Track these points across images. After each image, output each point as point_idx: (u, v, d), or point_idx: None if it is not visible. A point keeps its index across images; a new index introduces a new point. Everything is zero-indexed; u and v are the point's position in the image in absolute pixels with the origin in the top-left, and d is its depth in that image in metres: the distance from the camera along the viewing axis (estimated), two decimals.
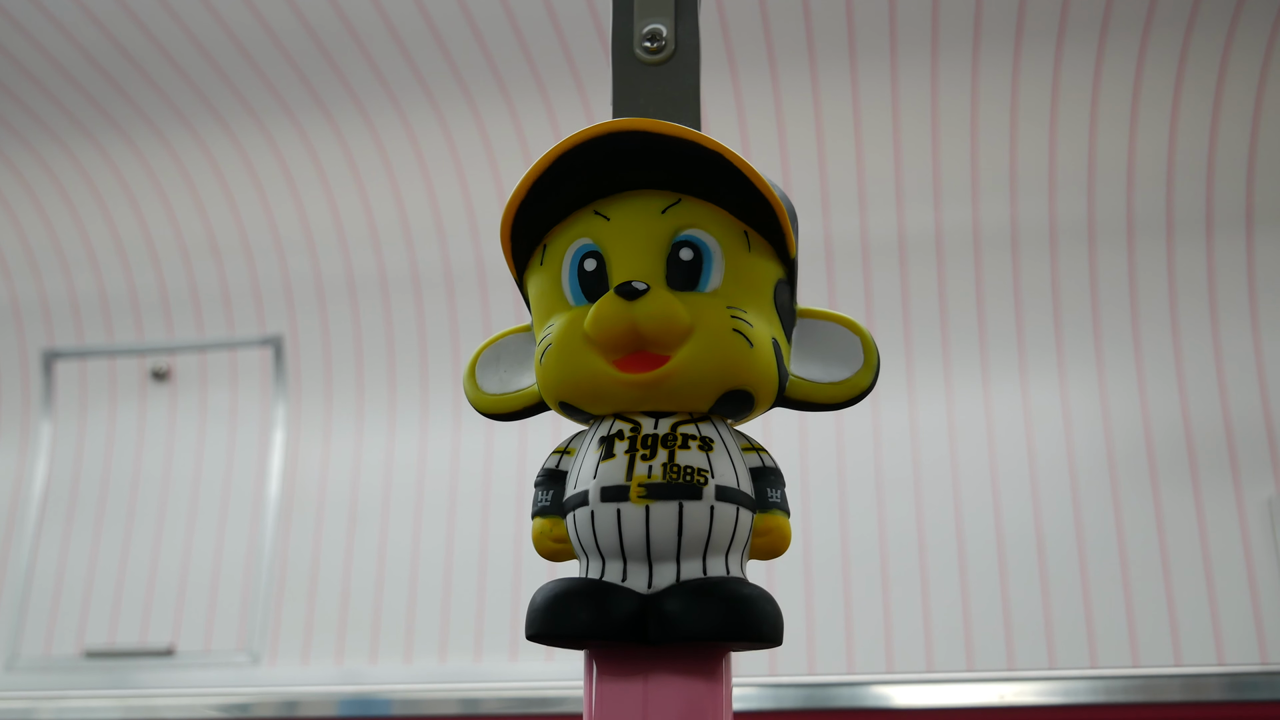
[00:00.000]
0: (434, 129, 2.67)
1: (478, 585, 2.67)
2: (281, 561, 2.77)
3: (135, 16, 2.47)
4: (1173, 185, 2.58)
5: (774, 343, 0.60)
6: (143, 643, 2.76)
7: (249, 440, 2.89)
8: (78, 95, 2.66)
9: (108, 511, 2.89)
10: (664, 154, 0.58)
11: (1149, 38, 2.43)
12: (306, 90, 2.63)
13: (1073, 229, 2.63)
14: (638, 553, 0.57)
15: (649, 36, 0.72)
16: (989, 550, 2.51)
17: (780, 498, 0.60)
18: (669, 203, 0.60)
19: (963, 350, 2.64)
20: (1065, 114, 2.55)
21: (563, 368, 0.59)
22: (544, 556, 0.61)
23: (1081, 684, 1.38)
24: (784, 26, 2.44)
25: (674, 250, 0.60)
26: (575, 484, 0.60)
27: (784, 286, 0.63)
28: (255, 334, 2.89)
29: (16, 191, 2.87)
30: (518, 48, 2.51)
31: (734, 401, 0.60)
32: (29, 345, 2.99)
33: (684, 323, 0.57)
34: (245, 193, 2.81)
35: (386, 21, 2.47)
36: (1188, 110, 2.52)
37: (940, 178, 2.63)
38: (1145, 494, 2.51)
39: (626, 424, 0.59)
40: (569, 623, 0.56)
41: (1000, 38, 2.45)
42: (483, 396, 0.66)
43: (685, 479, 0.57)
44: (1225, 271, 2.58)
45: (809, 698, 1.41)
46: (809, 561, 2.54)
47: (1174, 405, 2.55)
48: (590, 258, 0.61)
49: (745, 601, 0.55)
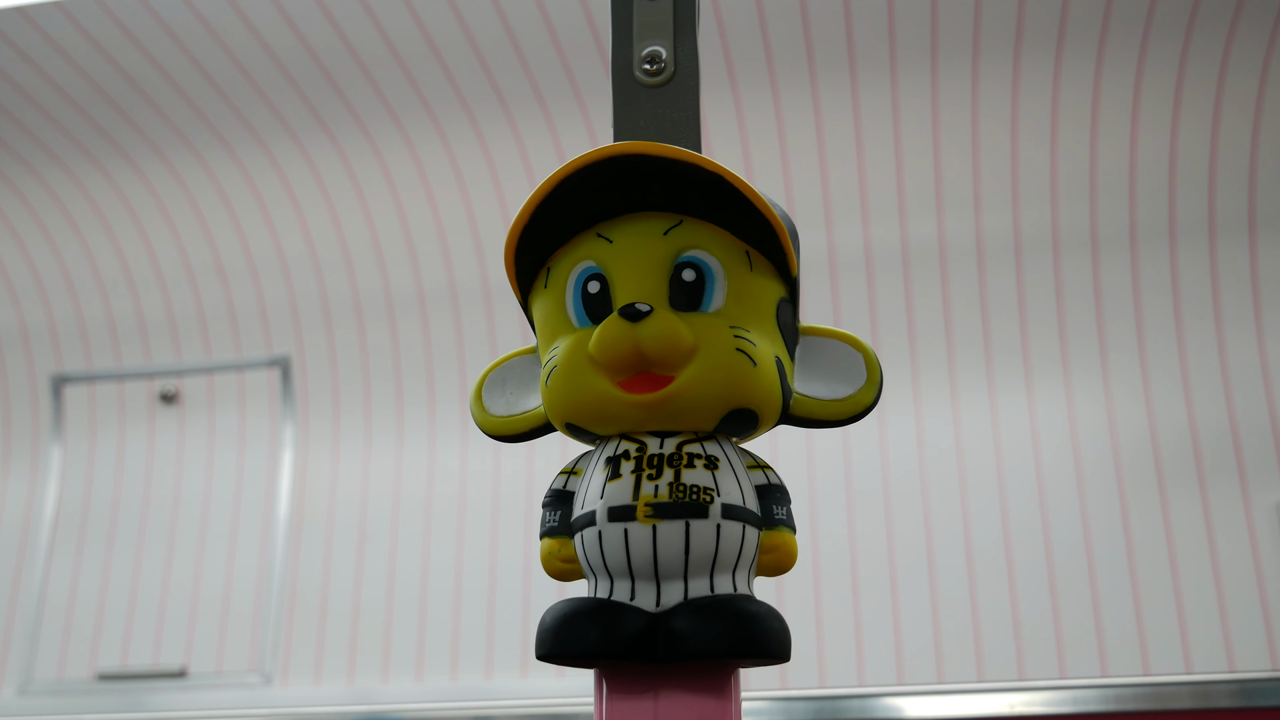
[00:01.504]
0: (437, 149, 2.68)
1: (488, 603, 2.67)
2: (292, 581, 2.77)
3: (139, 43, 2.48)
4: (1175, 192, 2.58)
5: (777, 361, 0.61)
6: (155, 664, 2.76)
7: (258, 461, 2.89)
8: (83, 121, 2.67)
9: (118, 534, 2.90)
10: (665, 176, 0.59)
11: (1148, 44, 2.43)
12: (310, 113, 2.64)
13: (1075, 238, 2.63)
14: (645, 572, 0.57)
15: (649, 59, 0.73)
16: (997, 560, 2.50)
17: (786, 514, 0.61)
18: (671, 224, 0.61)
19: (968, 360, 2.64)
20: (1066, 123, 2.56)
21: (568, 389, 0.60)
22: (552, 577, 0.62)
23: (1091, 693, 1.38)
24: (784, 43, 2.45)
25: (676, 271, 0.60)
26: (582, 504, 0.60)
27: (786, 305, 0.63)
28: (262, 355, 2.90)
29: (23, 217, 2.88)
30: (520, 69, 2.52)
31: (738, 420, 0.60)
32: (38, 370, 3.00)
33: (687, 343, 0.58)
34: (250, 215, 2.82)
35: (389, 44, 2.48)
36: (1188, 116, 2.52)
37: (942, 189, 2.64)
38: (1153, 501, 2.50)
39: (632, 444, 0.60)
40: (578, 642, 0.56)
41: (1000, 48, 2.46)
42: (490, 419, 0.67)
43: (691, 498, 0.57)
44: (1229, 277, 2.58)
45: (820, 710, 1.41)
46: (818, 574, 2.54)
47: (1180, 411, 2.55)
48: (594, 280, 0.61)
49: (752, 619, 0.56)
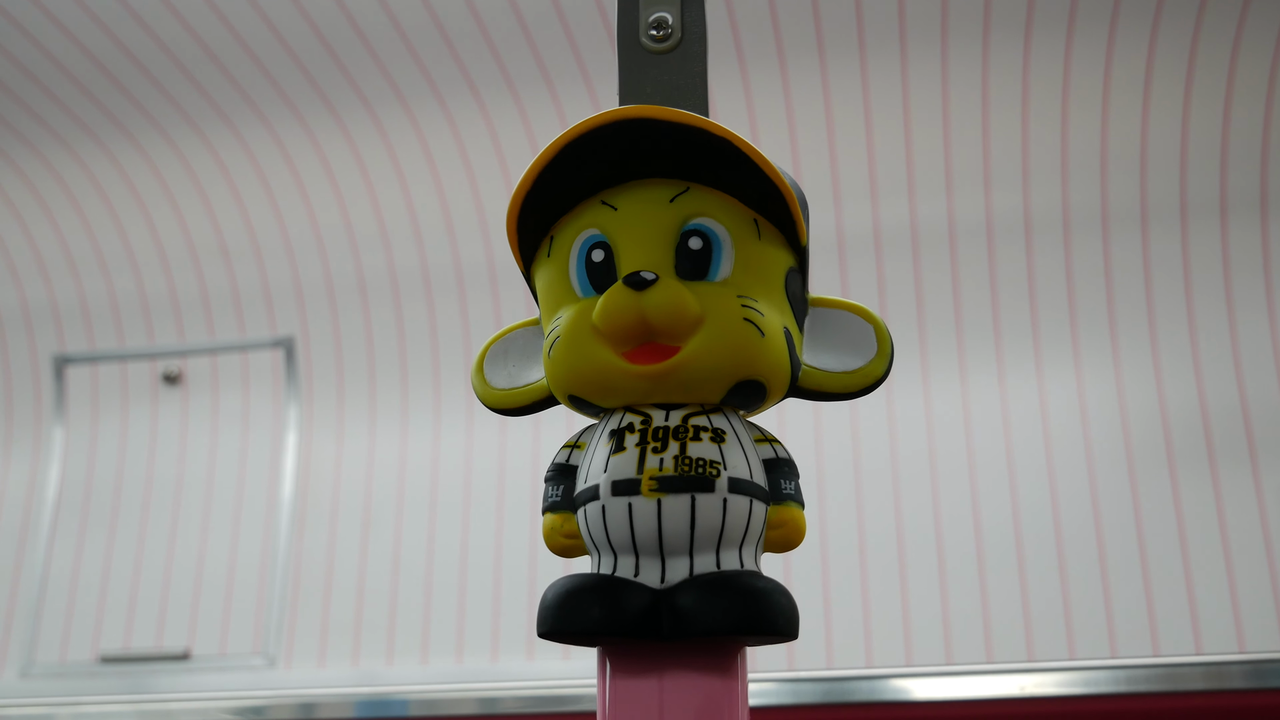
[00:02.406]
0: (442, 126, 2.67)
1: (493, 584, 2.67)
2: (296, 563, 2.77)
3: (142, 20, 2.47)
4: (1186, 172, 2.56)
5: (786, 332, 0.59)
6: (158, 647, 2.76)
7: (262, 442, 2.88)
8: (85, 100, 2.66)
9: (121, 516, 2.90)
10: (671, 142, 0.57)
11: (1160, 22, 2.41)
12: (314, 91, 2.62)
13: (1086, 217, 2.61)
14: (650, 547, 0.56)
15: (655, 25, 0.71)
16: (1007, 540, 2.49)
17: (794, 489, 0.59)
18: (677, 191, 0.59)
19: (977, 339, 2.62)
20: (1077, 101, 2.54)
21: (571, 360, 0.58)
22: (555, 553, 0.60)
23: (1102, 674, 1.37)
24: (792, 15, 2.43)
25: (683, 239, 0.59)
26: (586, 478, 0.59)
27: (795, 275, 0.62)
28: (266, 336, 2.89)
29: (25, 197, 2.87)
30: (524, 43, 2.50)
31: (746, 392, 0.59)
32: (40, 351, 2.99)
33: (694, 313, 0.56)
34: (254, 194, 2.81)
35: (393, 20, 2.46)
36: (1200, 95, 2.50)
37: (952, 167, 2.62)
38: (1163, 481, 2.49)
39: (637, 417, 0.58)
40: (581, 619, 0.55)
41: (1011, 25, 2.44)
42: (491, 391, 0.65)
43: (697, 471, 0.56)
44: (1240, 256, 2.56)
45: (828, 692, 1.40)
46: (826, 554, 2.53)
47: (1190, 391, 2.53)
48: (598, 248, 0.60)
49: (759, 595, 0.54)
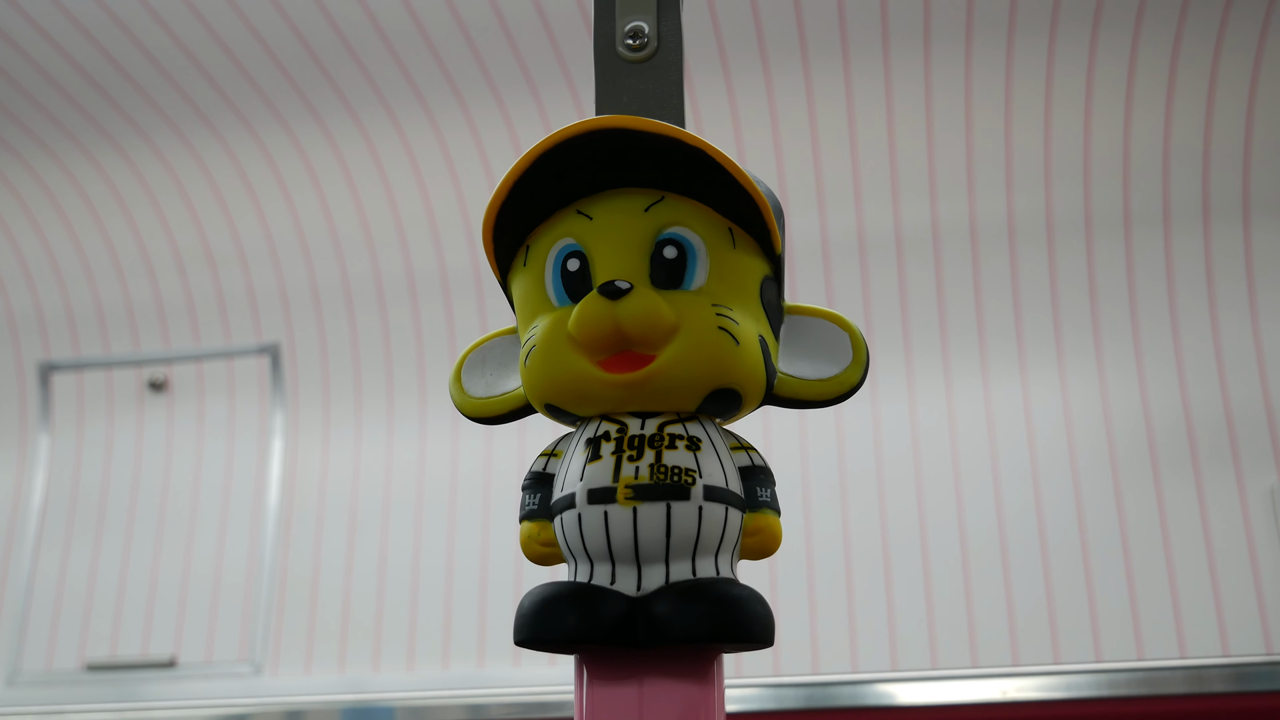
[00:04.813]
0: (427, 134, 2.67)
1: (479, 590, 2.66)
2: (282, 570, 2.76)
3: (125, 28, 2.46)
4: (1169, 175, 2.57)
5: (761, 340, 0.60)
6: (144, 654, 2.75)
7: (248, 449, 2.88)
8: (69, 107, 2.65)
9: (107, 523, 2.88)
10: (646, 151, 0.58)
11: (1142, 26, 2.42)
12: (298, 97, 2.62)
13: (1069, 222, 2.62)
14: (626, 555, 0.56)
15: (631, 34, 0.72)
16: (991, 545, 2.50)
17: (770, 496, 0.59)
18: (652, 200, 0.59)
19: (961, 345, 2.63)
20: (1059, 106, 2.54)
21: (547, 369, 0.59)
22: (532, 561, 0.61)
23: (1085, 678, 1.38)
24: (775, 20, 2.44)
25: (658, 248, 0.59)
26: (562, 487, 0.59)
27: (771, 283, 0.62)
28: (252, 343, 2.89)
29: (9, 204, 2.86)
30: (510, 52, 2.51)
31: (721, 400, 0.59)
32: (25, 358, 2.98)
33: (668, 321, 0.57)
34: (239, 201, 2.80)
35: (377, 27, 2.46)
36: (1182, 99, 2.51)
37: (935, 173, 2.62)
38: (1147, 485, 2.50)
39: (613, 425, 0.58)
40: (557, 627, 0.55)
41: (993, 29, 2.45)
42: (468, 400, 0.66)
43: (673, 479, 0.56)
44: (1223, 260, 2.57)
45: (811, 697, 1.40)
46: (811, 559, 2.54)
47: (1174, 396, 2.54)
48: (573, 257, 0.60)
49: (735, 602, 0.55)
